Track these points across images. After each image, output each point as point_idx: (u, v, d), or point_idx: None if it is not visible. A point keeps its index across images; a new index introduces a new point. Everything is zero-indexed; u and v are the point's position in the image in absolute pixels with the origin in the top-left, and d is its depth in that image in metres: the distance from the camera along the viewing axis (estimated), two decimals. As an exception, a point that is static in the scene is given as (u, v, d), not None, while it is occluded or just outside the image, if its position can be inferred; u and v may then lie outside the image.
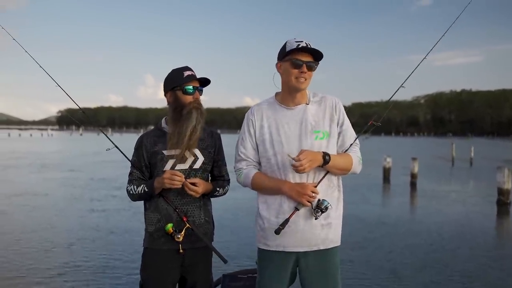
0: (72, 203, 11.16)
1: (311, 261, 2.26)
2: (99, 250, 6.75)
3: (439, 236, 8.05)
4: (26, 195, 12.43)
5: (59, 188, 14.06)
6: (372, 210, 10.97)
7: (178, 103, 2.43)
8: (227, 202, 10.84)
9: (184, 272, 2.44)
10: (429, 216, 10.10)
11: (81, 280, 5.36)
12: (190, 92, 2.43)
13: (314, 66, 2.27)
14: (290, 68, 2.24)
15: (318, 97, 2.36)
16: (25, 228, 8.30)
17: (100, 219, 9.13)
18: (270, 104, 2.38)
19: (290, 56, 2.24)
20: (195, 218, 2.43)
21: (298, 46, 2.20)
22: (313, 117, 2.29)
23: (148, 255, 2.46)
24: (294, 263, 2.28)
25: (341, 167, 2.27)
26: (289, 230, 2.21)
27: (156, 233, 2.42)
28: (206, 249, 2.46)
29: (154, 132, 2.53)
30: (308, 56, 2.24)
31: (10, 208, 10.39)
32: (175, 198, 2.41)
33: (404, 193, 14.39)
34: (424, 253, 6.87)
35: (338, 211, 2.32)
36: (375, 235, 8.11)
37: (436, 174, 20.58)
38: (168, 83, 2.48)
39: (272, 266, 2.29)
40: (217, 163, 2.58)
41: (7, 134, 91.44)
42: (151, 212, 2.45)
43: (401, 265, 6.17)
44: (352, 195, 13.06)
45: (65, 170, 20.02)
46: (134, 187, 2.46)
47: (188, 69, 2.48)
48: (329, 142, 2.28)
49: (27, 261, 6.10)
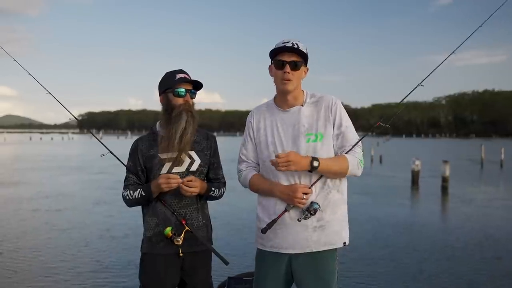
0: (100, 204, 11.09)
1: (302, 263, 2.25)
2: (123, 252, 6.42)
3: (481, 244, 7.42)
4: (58, 196, 12.67)
5: (93, 190, 14.17)
6: (402, 216, 10.40)
7: (169, 105, 2.43)
8: (229, 203, 10.75)
9: (184, 275, 2.43)
10: (466, 222, 9.47)
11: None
12: (182, 95, 2.42)
13: (299, 65, 2.23)
14: (275, 69, 2.26)
15: (316, 97, 2.34)
16: (54, 227, 8.43)
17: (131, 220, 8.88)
18: (269, 106, 2.40)
19: (275, 57, 2.25)
20: (193, 221, 2.43)
21: (276, 47, 2.23)
22: (306, 119, 2.27)
23: (147, 260, 2.43)
24: (287, 264, 2.28)
25: (334, 171, 2.22)
26: (281, 231, 2.24)
27: (155, 238, 2.40)
28: (206, 252, 2.46)
29: (148, 136, 2.51)
30: (294, 56, 2.22)
31: (41, 208, 10.46)
32: (173, 201, 2.40)
33: (435, 197, 13.70)
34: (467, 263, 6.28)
35: (335, 214, 2.27)
36: (407, 241, 7.53)
37: (467, 177, 19.74)
38: (161, 85, 2.49)
39: (266, 265, 2.32)
40: (213, 166, 2.57)
41: (29, 137, 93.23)
42: (149, 216, 2.43)
43: (435, 278, 5.61)
44: (381, 199, 12.59)
45: (95, 172, 20.08)
46: (130, 192, 2.42)
47: (181, 71, 2.48)
48: (323, 144, 2.25)
49: (56, 260, 6.17)
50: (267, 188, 2.28)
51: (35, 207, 10.89)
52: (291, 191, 2.18)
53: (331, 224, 2.26)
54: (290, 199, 2.18)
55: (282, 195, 2.22)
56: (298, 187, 2.18)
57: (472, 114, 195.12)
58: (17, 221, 9.22)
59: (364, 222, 9.29)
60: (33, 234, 8.06)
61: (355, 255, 6.59)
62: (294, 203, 2.18)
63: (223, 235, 7.82)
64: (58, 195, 12.99)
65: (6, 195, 12.94)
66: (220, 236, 7.55)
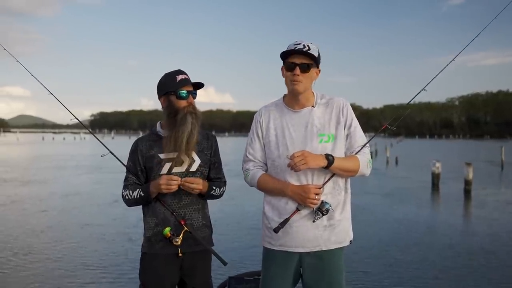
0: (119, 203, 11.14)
1: (312, 262, 2.28)
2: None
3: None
4: (81, 195, 13.13)
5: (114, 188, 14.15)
6: (424, 220, 9.90)
7: (172, 108, 2.42)
8: (232, 203, 10.84)
9: (184, 275, 2.43)
10: (493, 228, 8.89)
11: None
12: (184, 97, 2.42)
13: (310, 67, 2.26)
14: (286, 71, 2.29)
15: (326, 99, 2.37)
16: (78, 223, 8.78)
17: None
18: (278, 106, 2.40)
19: (286, 59, 2.28)
20: (193, 221, 2.44)
21: (288, 49, 2.25)
22: (318, 120, 2.30)
23: (146, 260, 2.45)
24: (297, 263, 2.30)
25: (346, 168, 2.25)
26: (292, 230, 2.25)
27: (154, 238, 2.41)
28: (205, 252, 2.46)
29: (149, 137, 2.52)
30: (304, 58, 2.24)
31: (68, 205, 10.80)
32: (172, 201, 2.40)
33: (458, 201, 13.13)
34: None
35: (343, 213, 2.32)
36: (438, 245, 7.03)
37: (489, 180, 19.00)
38: (161, 88, 2.48)
39: (275, 265, 2.32)
40: (214, 165, 2.57)
41: (41, 137, 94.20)
42: (149, 217, 2.44)
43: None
44: (401, 201, 12.10)
45: (118, 172, 19.97)
46: (129, 192, 2.43)
47: (181, 73, 2.47)
48: (335, 145, 2.29)
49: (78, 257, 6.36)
50: (278, 187, 2.28)
51: (58, 205, 10.94)
52: (303, 191, 2.19)
53: (341, 223, 2.30)
54: (302, 199, 2.20)
55: (294, 195, 2.22)
56: (311, 188, 2.19)
57: (486, 115, 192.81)
58: (46, 217, 9.44)
59: (385, 224, 8.78)
60: (58, 228, 8.34)
61: (384, 261, 6.23)
62: (306, 203, 2.19)
63: (225, 234, 7.78)
64: (76, 194, 13.34)
65: (28, 194, 13.11)
66: (222, 235, 7.59)
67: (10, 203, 11.60)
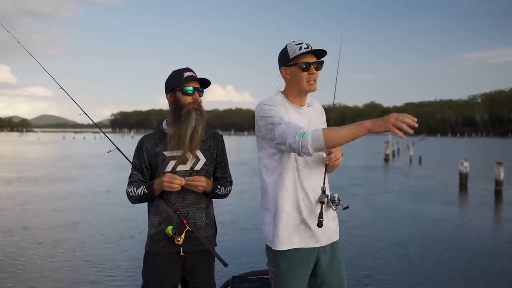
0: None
1: (327, 255, 2.31)
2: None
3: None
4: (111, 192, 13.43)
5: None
6: (452, 223, 9.48)
7: (177, 104, 2.42)
8: (233, 203, 10.80)
9: (186, 274, 2.43)
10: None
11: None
12: (190, 93, 2.42)
13: (321, 65, 2.32)
14: (300, 72, 2.27)
15: (309, 100, 2.41)
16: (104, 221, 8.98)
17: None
18: (280, 101, 2.35)
19: (296, 60, 2.27)
20: (196, 221, 2.43)
21: (301, 49, 2.26)
22: (315, 118, 2.39)
23: (149, 258, 2.45)
24: (316, 258, 2.30)
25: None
26: (314, 225, 2.23)
27: (157, 236, 2.42)
28: (208, 252, 2.44)
29: (155, 134, 2.52)
30: (312, 57, 2.29)
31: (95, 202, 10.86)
32: (176, 200, 2.40)
33: (489, 202, 12.61)
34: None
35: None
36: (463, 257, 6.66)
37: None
38: (168, 84, 2.48)
39: (293, 263, 2.25)
40: (220, 165, 2.56)
41: (62, 136, 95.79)
42: (153, 215, 2.46)
43: None
44: (428, 202, 11.66)
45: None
46: (134, 189, 2.44)
47: (189, 70, 2.47)
48: None
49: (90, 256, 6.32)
50: (352, 128, 2.04)
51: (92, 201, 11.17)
52: (388, 117, 1.96)
53: (337, 214, 2.39)
54: (385, 123, 1.96)
55: (374, 124, 1.98)
56: (391, 114, 1.98)
57: (510, 113, 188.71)
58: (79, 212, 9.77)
59: (414, 223, 8.43)
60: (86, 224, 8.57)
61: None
62: (397, 124, 1.93)
63: (228, 234, 7.81)
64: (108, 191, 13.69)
65: (59, 191, 13.54)
66: (226, 235, 7.63)
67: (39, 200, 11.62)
